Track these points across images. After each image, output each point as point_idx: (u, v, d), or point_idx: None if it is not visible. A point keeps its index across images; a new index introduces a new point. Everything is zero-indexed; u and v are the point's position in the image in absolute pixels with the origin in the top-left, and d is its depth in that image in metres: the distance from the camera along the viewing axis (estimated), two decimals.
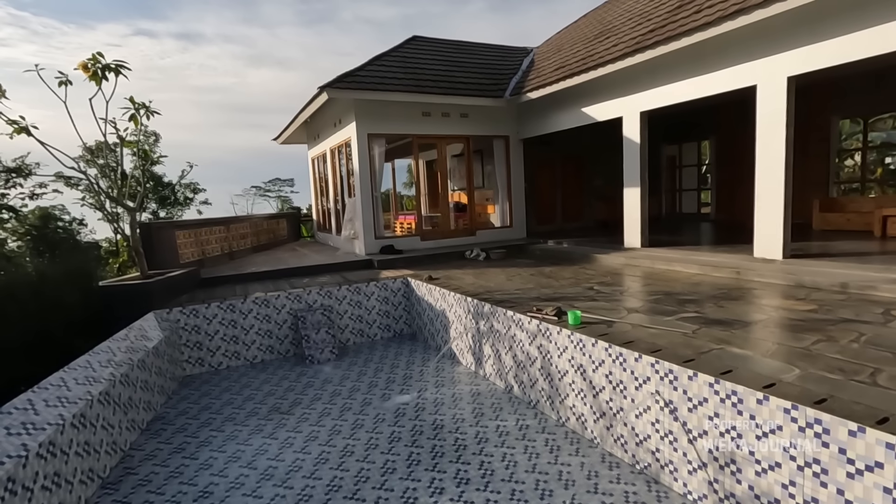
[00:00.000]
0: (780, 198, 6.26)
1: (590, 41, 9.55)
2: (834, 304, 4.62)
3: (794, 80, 6.02)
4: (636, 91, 8.08)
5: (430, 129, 10.25)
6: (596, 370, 3.97)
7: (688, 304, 4.99)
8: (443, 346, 6.50)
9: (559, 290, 6.03)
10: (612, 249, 8.56)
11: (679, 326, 4.19)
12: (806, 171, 10.86)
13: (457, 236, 10.96)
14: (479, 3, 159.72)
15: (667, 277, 6.52)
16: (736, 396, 2.92)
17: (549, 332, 4.49)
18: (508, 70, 11.63)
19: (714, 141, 13.90)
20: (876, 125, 13.04)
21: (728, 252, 7.25)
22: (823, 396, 2.70)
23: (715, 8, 6.31)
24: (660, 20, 7.54)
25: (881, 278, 5.10)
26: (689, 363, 3.30)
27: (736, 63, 6.55)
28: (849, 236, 8.26)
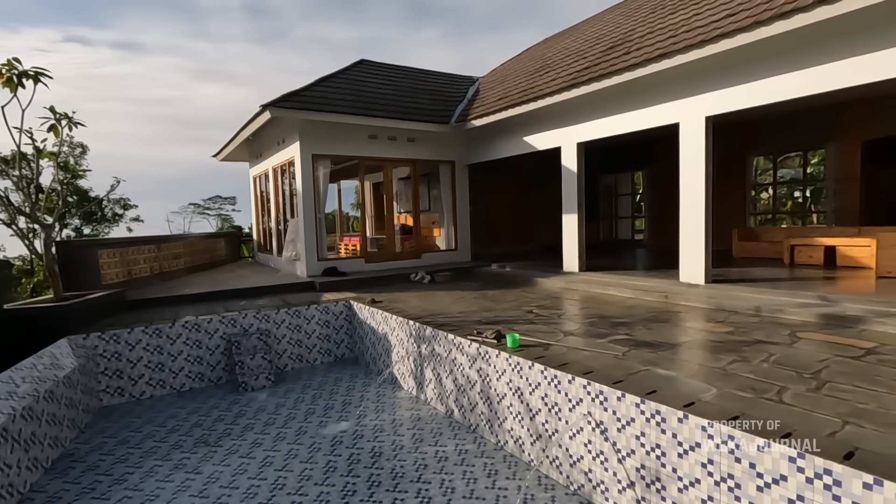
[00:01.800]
0: (701, 227, 6.74)
1: (531, 74, 10.01)
2: (748, 327, 4.98)
3: (711, 119, 6.58)
4: (573, 123, 8.52)
5: (377, 151, 10.28)
6: (532, 392, 4.04)
7: (620, 326, 5.21)
8: (384, 370, 6.40)
9: (501, 314, 6.12)
10: (553, 273, 8.84)
11: (611, 349, 4.37)
12: (727, 202, 11.79)
13: (402, 259, 10.94)
14: (432, 31, 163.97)
15: (602, 301, 6.80)
16: (660, 416, 3.06)
17: (488, 355, 4.53)
18: (455, 97, 11.93)
19: (647, 172, 14.83)
20: (785, 162, 14.38)
21: (658, 277, 7.68)
22: (736, 414, 2.88)
23: (642, 51, 6.83)
24: (594, 59, 8.04)
25: (789, 302, 5.57)
26: (619, 384, 3.43)
27: (662, 102, 7.08)
28: (763, 263, 8.99)
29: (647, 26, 7.79)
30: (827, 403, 3.00)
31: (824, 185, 12.15)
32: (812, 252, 8.51)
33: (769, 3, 5.49)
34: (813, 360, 3.81)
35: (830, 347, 4.15)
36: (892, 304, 5.13)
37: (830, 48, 5.25)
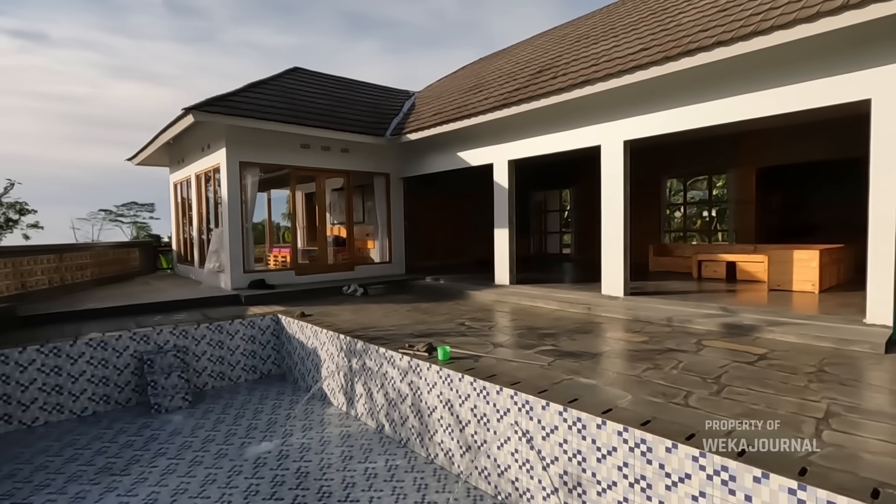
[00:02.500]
0: (620, 243, 7.21)
1: (465, 92, 10.29)
2: (661, 336, 5.37)
3: (629, 143, 7.09)
4: (505, 141, 8.83)
5: (310, 161, 10.05)
6: (462, 404, 4.09)
7: (547, 337, 5.42)
8: (313, 386, 6.20)
9: (433, 326, 6.16)
10: (486, 286, 9.03)
11: (538, 359, 4.53)
12: (644, 220, 12.68)
13: (335, 271, 10.71)
14: (369, 44, 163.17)
15: (531, 313, 7.04)
16: (581, 423, 3.21)
17: (419, 368, 4.53)
18: (391, 110, 11.97)
19: (574, 190, 15.64)
20: (695, 185, 15.73)
21: (582, 290, 8.08)
22: (648, 418, 3.09)
23: (567, 77, 7.26)
24: (524, 81, 8.42)
25: (696, 313, 6.07)
26: (543, 394, 3.56)
27: (586, 125, 7.53)
28: (675, 277, 9.74)
29: (573, 54, 8.29)
30: (725, 405, 3.29)
31: (727, 207, 13.42)
32: (716, 267, 9.35)
33: (676, 41, 6.06)
34: (715, 367, 4.17)
35: (730, 354, 4.57)
36: (780, 313, 5.74)
37: (728, 85, 5.87)
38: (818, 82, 5.20)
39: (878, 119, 4.81)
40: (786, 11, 5.07)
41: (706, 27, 5.93)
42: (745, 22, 5.40)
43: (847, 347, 4.62)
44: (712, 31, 5.71)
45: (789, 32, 4.85)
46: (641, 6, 8.99)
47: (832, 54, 5.02)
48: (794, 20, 4.80)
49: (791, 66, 5.32)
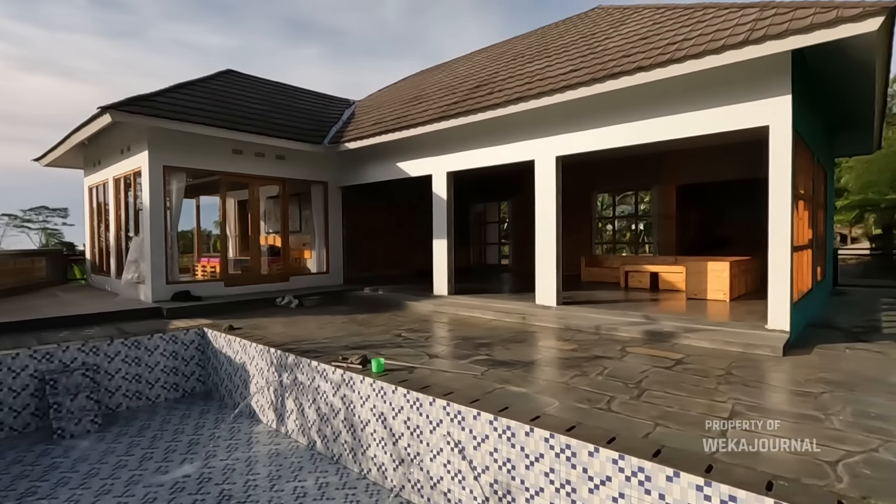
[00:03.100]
0: (553, 255, 7.47)
1: (406, 103, 10.33)
2: (590, 344, 5.60)
3: (561, 159, 7.40)
4: (444, 153, 8.94)
5: (242, 167, 9.65)
6: (396, 417, 4.04)
7: (482, 347, 5.49)
8: (241, 403, 5.89)
9: (369, 338, 6.06)
10: (424, 297, 9.03)
11: (472, 369, 4.57)
12: (577, 233, 13.25)
13: (269, 282, 10.30)
14: (313, 49, 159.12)
15: (468, 323, 7.12)
16: (510, 431, 3.27)
17: (352, 381, 4.44)
18: (330, 118, 11.78)
19: (512, 202, 16.07)
20: (624, 200, 16.62)
21: (518, 300, 8.28)
22: (574, 424, 3.20)
23: (503, 93, 7.48)
24: (462, 95, 8.59)
25: (621, 321, 6.39)
26: (475, 403, 3.60)
27: (521, 140, 7.78)
28: (605, 287, 10.22)
29: (509, 71, 8.57)
30: (644, 409, 3.48)
31: (652, 221, 14.30)
32: (641, 277, 9.92)
33: (603, 64, 6.43)
34: (636, 372, 4.40)
35: (650, 360, 4.84)
36: (696, 321, 6.17)
37: (650, 108, 6.28)
38: (726, 108, 5.69)
39: (773, 144, 5.34)
40: (697, 43, 5.53)
41: (629, 53, 6.34)
42: (662, 50, 5.83)
43: (752, 351, 5.04)
44: (634, 56, 6.11)
45: (699, 62, 5.29)
46: (573, 30, 9.47)
47: (738, 84, 5.53)
48: (704, 51, 5.25)
49: (703, 94, 5.79)
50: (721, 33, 5.46)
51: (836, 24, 4.49)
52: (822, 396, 3.70)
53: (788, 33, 4.72)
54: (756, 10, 5.63)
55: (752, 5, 5.80)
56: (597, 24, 8.85)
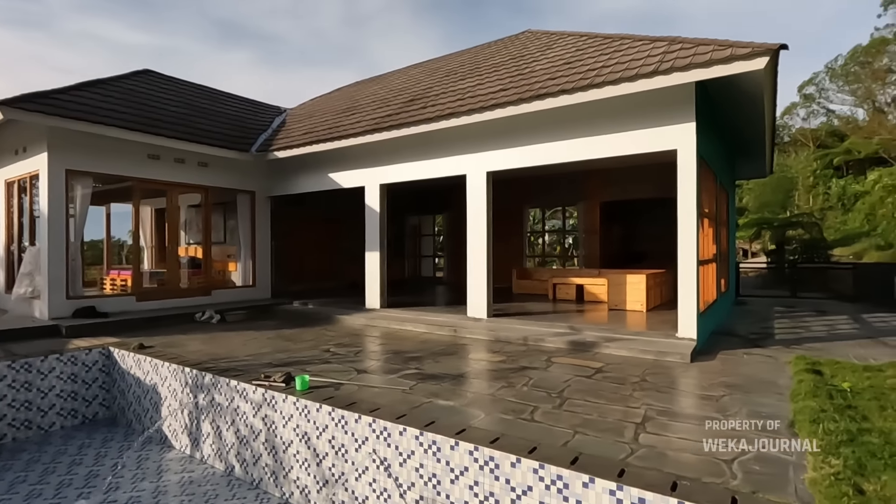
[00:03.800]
0: (484, 267, 7.62)
1: (339, 113, 10.19)
2: (517, 355, 5.73)
3: (492, 174, 7.60)
4: (377, 165, 8.88)
5: (159, 174, 9.03)
6: (320, 436, 3.90)
7: (412, 361, 5.46)
8: (150, 428, 5.43)
9: (295, 354, 5.84)
10: (356, 310, 8.85)
11: (400, 384, 4.52)
12: (509, 246, 13.63)
13: (188, 296, 9.66)
14: (243, 54, 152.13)
15: (399, 336, 7.05)
16: (436, 445, 3.26)
17: (274, 400, 4.24)
18: (258, 125, 11.35)
19: (446, 216, 16.25)
20: (555, 214, 17.28)
21: (450, 312, 8.34)
22: (498, 435, 3.24)
23: (436, 108, 7.60)
24: (396, 108, 8.62)
25: (548, 332, 6.62)
26: (402, 419, 3.55)
27: (453, 154, 7.91)
28: (535, 299, 10.55)
29: (443, 87, 8.72)
30: (565, 418, 3.60)
31: (578, 235, 14.99)
32: (568, 289, 10.35)
33: (530, 85, 6.72)
34: (560, 381, 4.56)
35: (573, 369, 5.04)
36: (615, 330, 6.52)
37: (574, 129, 6.63)
38: (641, 132, 6.12)
39: (681, 166, 5.81)
40: (614, 70, 5.93)
41: (554, 76, 6.67)
42: (583, 75, 6.19)
43: (664, 358, 5.39)
44: (558, 80, 6.44)
45: (616, 88, 5.67)
46: (504, 51, 9.83)
47: (651, 110, 5.97)
48: (620, 78, 5.64)
49: (622, 118, 6.20)
50: (635, 62, 5.89)
51: (731, 61, 4.99)
52: (722, 399, 4.02)
53: (691, 66, 5.18)
54: (665, 43, 6.14)
55: (662, 39, 6.32)
56: (526, 47, 9.24)
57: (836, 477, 2.49)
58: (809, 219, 21.15)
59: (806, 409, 3.47)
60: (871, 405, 3.65)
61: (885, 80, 29.88)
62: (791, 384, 4.29)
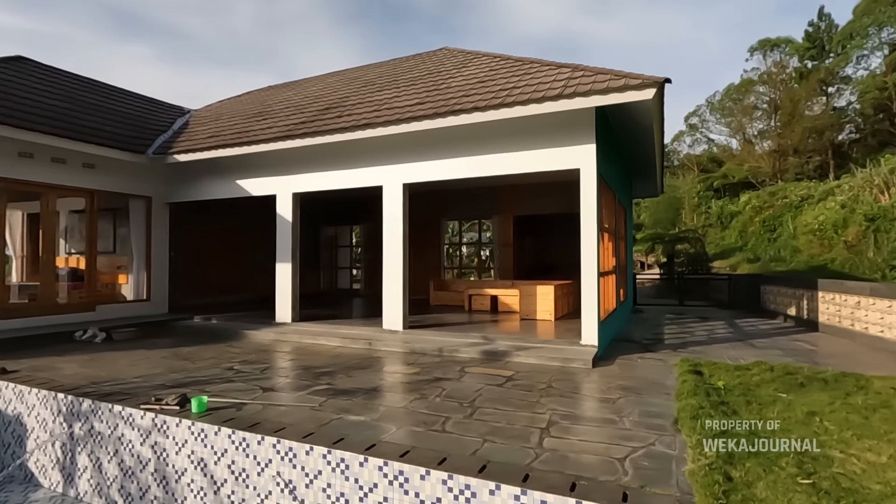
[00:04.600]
0: (400, 279, 7.60)
1: (249, 118, 9.71)
2: (432, 366, 5.76)
3: (408, 186, 7.63)
4: (290, 173, 8.56)
5: (33, 174, 7.99)
6: (218, 461, 3.62)
7: (323, 376, 5.27)
8: (11, 465, 4.71)
9: (193, 374, 5.39)
10: (265, 325, 8.40)
11: (309, 400, 4.34)
12: (427, 257, 13.72)
13: (67, 312, 8.58)
14: (143, 48, 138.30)
15: (311, 351, 6.79)
16: (344, 463, 3.16)
17: (166, 425, 3.88)
18: (157, 126, 10.48)
19: (363, 227, 16.03)
20: (472, 227, 17.73)
21: (366, 325, 8.19)
22: (408, 448, 3.22)
23: (352, 118, 7.51)
24: (311, 115, 8.39)
25: (462, 343, 6.73)
26: (309, 437, 3.41)
27: (370, 165, 7.84)
28: (451, 310, 10.70)
29: (360, 97, 8.65)
30: (475, 427, 3.66)
31: (493, 248, 15.48)
32: (483, 300, 10.61)
33: (445, 101, 6.88)
34: (472, 391, 4.64)
35: (485, 378, 5.15)
36: (525, 339, 6.79)
37: (488, 145, 6.86)
38: (549, 151, 6.49)
39: (583, 184, 6.24)
40: (524, 91, 6.25)
41: (468, 93, 6.89)
42: (496, 94, 6.46)
43: (569, 365, 5.69)
44: (472, 97, 6.66)
45: (525, 108, 5.98)
46: (421, 66, 9.97)
47: (558, 131, 6.35)
48: (529, 99, 5.95)
49: (532, 137, 6.53)
50: (542, 86, 6.26)
51: (625, 90, 5.48)
52: (618, 401, 4.32)
53: (591, 93, 5.61)
54: (569, 70, 6.59)
55: (567, 66, 6.78)
56: (443, 64, 9.46)
57: (710, 467, 2.77)
58: (694, 234, 23.60)
59: (687, 406, 3.83)
60: (739, 401, 4.11)
61: (752, 116, 34.42)
62: (676, 385, 4.72)
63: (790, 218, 20.01)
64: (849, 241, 14.99)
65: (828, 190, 19.62)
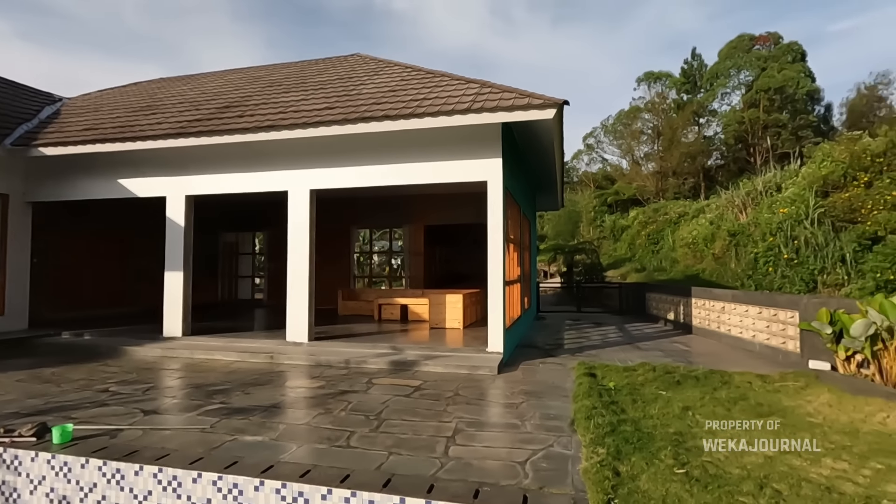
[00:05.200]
0: (305, 289, 7.29)
1: (135, 111, 8.80)
2: (338, 379, 5.57)
3: (315, 192, 7.38)
4: (183, 174, 7.87)
5: None
6: (85, 498, 3.18)
7: (217, 395, 4.87)
8: None
9: (57, 399, 4.71)
10: (151, 340, 7.60)
11: (199, 422, 3.98)
12: (336, 266, 13.34)
13: None
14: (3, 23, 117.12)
15: (204, 368, 6.25)
16: (237, 489, 2.93)
17: (18, 460, 3.33)
18: (18, 114, 9.12)
19: (268, 233, 15.20)
20: (383, 236, 17.55)
21: (267, 338, 7.74)
22: (309, 467, 3.06)
23: (255, 118, 7.12)
24: (208, 113, 7.81)
25: (371, 353, 6.60)
26: (197, 463, 3.12)
27: (274, 169, 7.47)
28: (361, 320, 10.47)
29: (264, 97, 8.23)
30: (381, 440, 3.59)
31: (405, 256, 15.48)
32: (392, 310, 10.53)
33: (356, 107, 6.78)
34: (378, 403, 4.55)
35: (393, 389, 5.09)
36: (434, 348, 6.83)
37: (399, 154, 6.85)
38: (458, 163, 6.64)
39: (490, 197, 6.46)
40: (434, 103, 6.36)
41: (379, 101, 6.85)
42: (406, 104, 6.49)
43: (475, 372, 5.81)
44: (383, 105, 6.63)
45: (435, 120, 6.07)
46: (332, 70, 9.75)
47: (468, 144, 6.52)
48: (439, 111, 6.06)
49: (442, 148, 6.63)
50: (452, 99, 6.41)
51: (529, 109, 5.78)
52: (521, 406, 4.48)
53: (498, 109, 5.85)
54: (478, 85, 6.82)
55: (476, 81, 7.02)
56: (354, 70, 9.32)
57: (601, 464, 2.96)
58: (590, 246, 25.50)
59: (583, 407, 4.08)
60: (626, 399, 4.47)
61: (639, 140, 38.17)
62: (574, 387, 5.01)
63: (670, 232, 22.35)
64: (716, 254, 17.08)
65: (699, 208, 22.25)
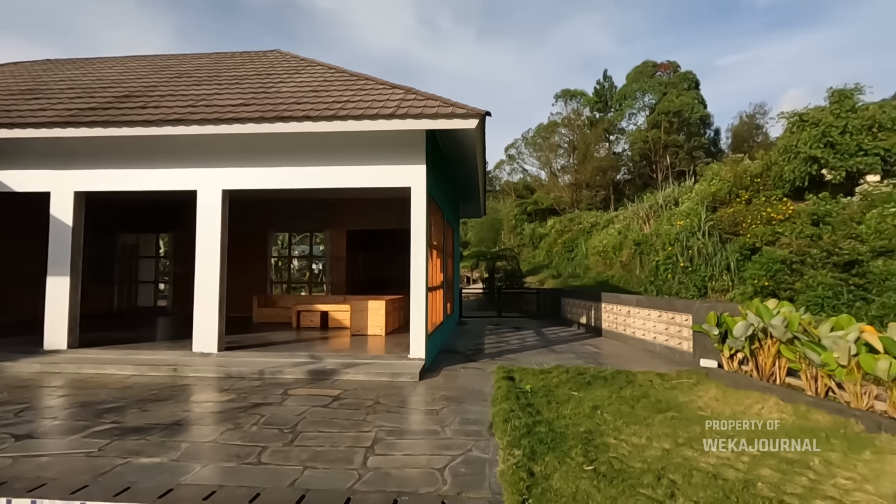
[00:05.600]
0: (215, 295, 6.81)
1: (14, 94, 7.77)
2: (250, 391, 5.25)
3: (228, 193, 6.94)
4: (72, 167, 7.05)
5: None
6: None
7: (108, 413, 4.39)
8: None
9: None
10: (27, 354, 6.69)
11: (85, 445, 3.56)
12: (251, 272, 12.62)
13: None
14: None
15: (93, 384, 5.61)
16: None
17: None
18: None
19: (174, 234, 14.06)
20: (304, 240, 16.96)
21: (171, 349, 7.14)
22: (214, 488, 2.84)
23: (160, 110, 6.57)
24: (104, 101, 7.09)
25: (287, 363, 6.30)
26: (81, 492, 2.78)
27: (182, 166, 6.92)
28: (277, 327, 9.99)
29: (171, 88, 7.63)
30: (295, 454, 3.42)
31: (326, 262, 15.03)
32: (312, 317, 10.17)
33: (274, 106, 6.49)
34: (294, 415, 4.35)
35: (310, 399, 4.89)
36: (355, 356, 6.68)
37: (321, 156, 6.64)
38: (382, 168, 6.57)
39: (414, 203, 6.47)
40: (358, 106, 6.26)
41: (300, 101, 6.61)
42: (329, 106, 6.33)
43: (397, 379, 5.76)
44: (304, 105, 6.42)
45: (358, 123, 5.97)
46: (249, 65, 9.28)
47: (392, 149, 6.47)
48: (363, 115, 5.97)
49: (366, 152, 6.52)
50: (377, 103, 6.34)
51: (452, 118, 5.87)
52: (441, 412, 4.50)
53: (422, 116, 5.88)
54: (403, 91, 6.82)
55: (401, 87, 7.01)
56: (274, 67, 8.94)
57: (516, 465, 3.04)
58: (511, 253, 26.40)
59: (500, 411, 4.18)
60: (542, 401, 4.65)
61: (556, 153, 40.29)
62: (493, 391, 5.12)
63: (583, 241, 23.74)
64: (623, 261, 18.41)
65: (609, 219, 23.88)
